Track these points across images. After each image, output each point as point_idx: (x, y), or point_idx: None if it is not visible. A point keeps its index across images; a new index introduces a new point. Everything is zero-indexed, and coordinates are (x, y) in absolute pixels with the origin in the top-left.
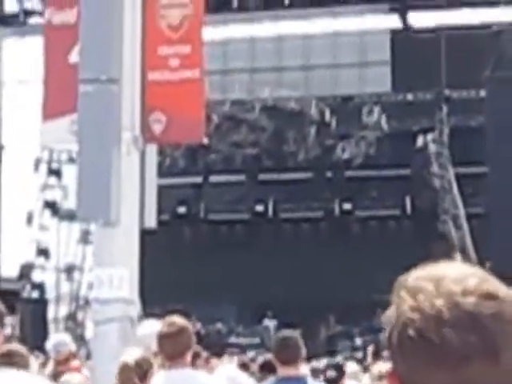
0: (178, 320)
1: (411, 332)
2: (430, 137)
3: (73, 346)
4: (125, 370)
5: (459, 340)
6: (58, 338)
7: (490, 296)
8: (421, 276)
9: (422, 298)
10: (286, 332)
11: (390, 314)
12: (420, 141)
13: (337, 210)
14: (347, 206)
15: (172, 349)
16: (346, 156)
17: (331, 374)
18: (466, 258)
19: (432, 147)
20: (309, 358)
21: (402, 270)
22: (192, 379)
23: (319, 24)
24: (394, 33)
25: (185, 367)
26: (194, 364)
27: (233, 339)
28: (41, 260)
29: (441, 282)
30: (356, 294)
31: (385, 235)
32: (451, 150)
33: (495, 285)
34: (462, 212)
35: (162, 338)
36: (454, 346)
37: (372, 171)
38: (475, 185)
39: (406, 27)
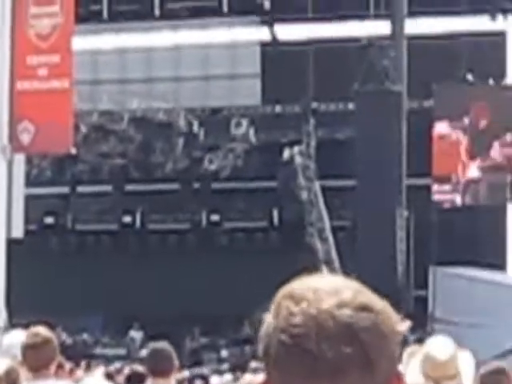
0: (43, 331)
1: (289, 340)
2: (296, 149)
3: None
4: None
5: (335, 352)
6: None
7: (365, 308)
8: (299, 286)
9: (304, 306)
10: (159, 344)
11: (267, 323)
12: (286, 153)
13: (204, 222)
14: (215, 218)
15: (36, 360)
16: (213, 168)
17: None
18: (331, 270)
19: (298, 160)
20: None
21: (269, 282)
22: None
23: (190, 35)
24: (264, 45)
25: (48, 378)
26: (57, 375)
27: (98, 350)
28: None
29: (318, 293)
30: (223, 305)
31: (252, 247)
32: (318, 162)
33: (370, 297)
34: (327, 225)
35: (26, 348)
36: (329, 357)
37: (239, 183)
38: (342, 198)
39: (276, 40)
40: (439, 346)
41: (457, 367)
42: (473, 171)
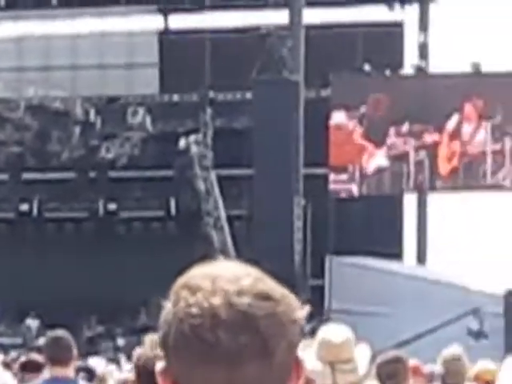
0: None
1: (187, 330)
2: (192, 138)
3: None
4: None
5: (233, 340)
6: None
7: (265, 296)
8: (198, 274)
9: (200, 296)
10: (58, 332)
11: (166, 312)
12: (182, 142)
13: (101, 211)
14: (112, 207)
15: None
16: (110, 156)
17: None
18: (227, 259)
19: (194, 149)
20: None
21: (166, 271)
22: None
23: (87, 24)
24: (162, 34)
25: None
26: None
27: None
28: None
29: (217, 280)
30: (120, 294)
31: (149, 236)
32: (215, 152)
33: (270, 285)
34: (223, 214)
35: None
36: (227, 346)
37: (136, 172)
38: (239, 187)
39: (172, 29)
40: (334, 330)
41: (352, 352)
42: (371, 160)
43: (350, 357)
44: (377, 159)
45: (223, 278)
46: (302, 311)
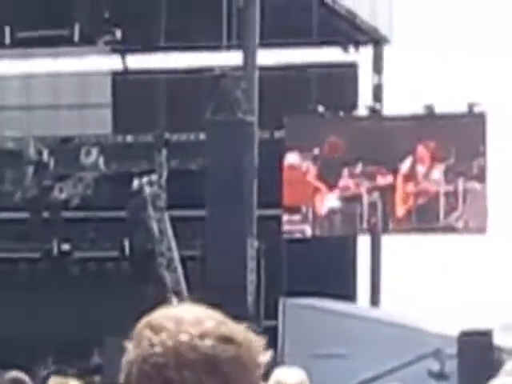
0: None
1: (150, 369)
2: (145, 179)
3: None
4: None
5: (198, 381)
6: None
7: (227, 339)
8: (161, 316)
9: (164, 336)
10: (14, 373)
11: (128, 352)
12: (136, 183)
13: (55, 251)
14: (65, 247)
15: None
16: (63, 196)
17: None
18: (180, 300)
19: (147, 190)
20: None
21: (119, 312)
22: None
23: (40, 64)
24: (115, 74)
25: None
26: None
27: None
28: None
29: (180, 322)
30: (73, 334)
31: (103, 277)
32: (169, 192)
33: (233, 328)
34: (176, 255)
35: None
36: None
37: (89, 212)
38: (193, 228)
39: (127, 69)
40: (288, 373)
41: None
42: (324, 202)
43: None
44: (329, 200)
45: (186, 321)
46: (264, 355)
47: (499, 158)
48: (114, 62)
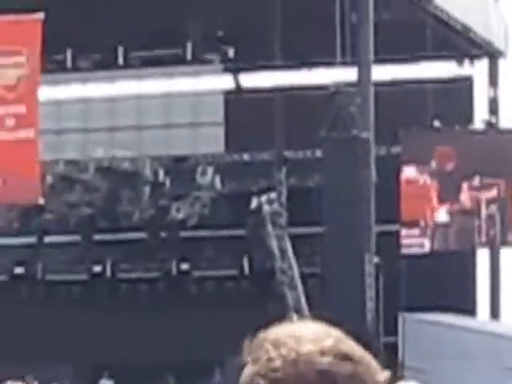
0: None
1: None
2: (264, 197)
3: None
4: None
5: None
6: None
7: (346, 357)
8: (281, 332)
9: (283, 352)
10: None
11: (246, 368)
12: (255, 202)
13: (174, 270)
14: (184, 267)
15: None
16: (180, 216)
17: None
18: (301, 318)
19: (266, 208)
20: None
21: (239, 330)
22: None
23: (153, 84)
24: (228, 93)
25: None
26: None
27: None
28: None
29: (299, 339)
30: (194, 353)
31: (222, 295)
32: (289, 210)
33: (351, 346)
34: (296, 272)
35: None
36: None
37: (207, 231)
38: (312, 244)
39: (241, 88)
40: None
41: None
42: (441, 215)
43: None
44: (448, 213)
45: (305, 337)
46: (383, 374)
47: None
48: (226, 81)
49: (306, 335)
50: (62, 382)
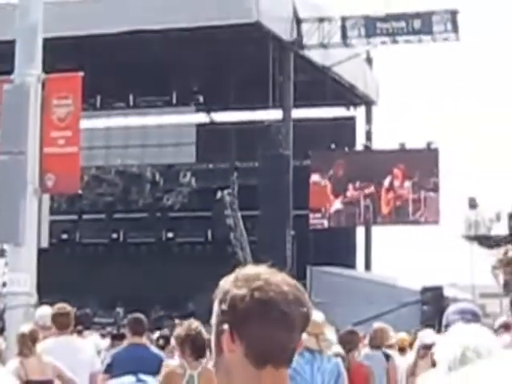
0: (65, 305)
1: (270, 304)
2: (225, 191)
3: None
4: (22, 336)
5: (299, 315)
6: None
7: (300, 289)
8: (255, 271)
9: (267, 283)
10: (136, 314)
11: (239, 291)
12: (219, 194)
13: (164, 238)
14: (170, 235)
15: (61, 323)
16: (169, 203)
17: (161, 342)
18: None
19: (226, 198)
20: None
21: (204, 278)
22: (72, 342)
23: (152, 119)
24: (199, 126)
25: (68, 335)
26: (72, 334)
27: (96, 319)
28: None
29: (272, 276)
30: (175, 291)
31: (194, 255)
32: (239, 199)
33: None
34: (245, 239)
35: (56, 315)
36: (295, 318)
37: (186, 213)
38: (253, 222)
39: (208, 122)
40: (316, 314)
41: (325, 328)
42: (337, 205)
43: (324, 331)
44: (341, 203)
45: (277, 275)
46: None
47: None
48: (198, 117)
49: (273, 273)
50: (92, 309)
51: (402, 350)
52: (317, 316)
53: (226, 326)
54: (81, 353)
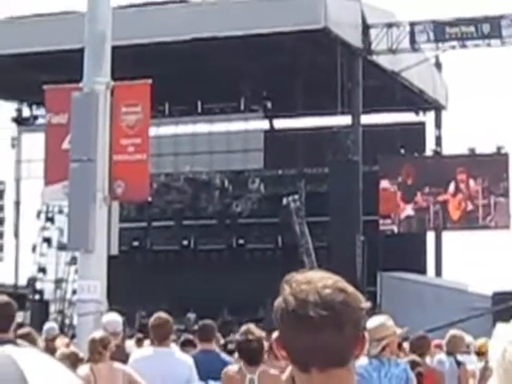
0: (163, 315)
1: (288, 309)
2: (291, 198)
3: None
4: (93, 342)
5: (317, 315)
6: (49, 325)
7: (341, 290)
8: (296, 276)
9: (296, 288)
10: (206, 321)
11: (277, 300)
12: (285, 200)
13: (234, 244)
14: (241, 242)
15: (159, 334)
16: (238, 210)
17: (231, 347)
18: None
19: (292, 205)
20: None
21: (275, 283)
22: (171, 354)
23: (220, 125)
24: (266, 132)
25: (167, 346)
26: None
27: None
28: (40, 275)
29: (310, 280)
30: (245, 296)
31: (264, 260)
32: (306, 206)
33: (345, 284)
34: (311, 246)
35: (153, 327)
36: (314, 319)
37: (255, 219)
38: (322, 228)
39: (274, 129)
40: (373, 319)
41: (381, 333)
42: (408, 211)
43: (379, 337)
44: (411, 209)
45: (315, 279)
46: (366, 303)
47: None
48: (265, 124)
49: (315, 277)
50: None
51: (482, 355)
52: (373, 321)
53: (274, 334)
54: (178, 366)
